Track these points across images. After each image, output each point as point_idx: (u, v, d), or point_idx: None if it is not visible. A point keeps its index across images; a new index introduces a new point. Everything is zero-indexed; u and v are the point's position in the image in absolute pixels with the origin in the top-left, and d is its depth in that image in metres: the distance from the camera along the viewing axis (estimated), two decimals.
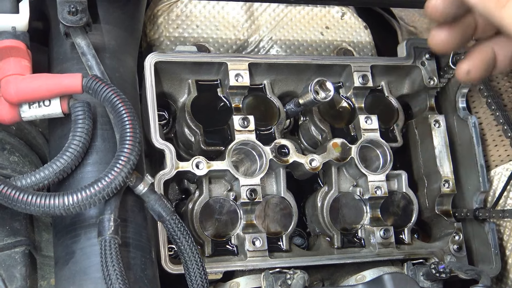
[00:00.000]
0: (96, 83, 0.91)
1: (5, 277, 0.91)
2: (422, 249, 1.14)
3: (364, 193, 1.12)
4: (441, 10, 0.78)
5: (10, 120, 0.94)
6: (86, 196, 0.84)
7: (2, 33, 0.94)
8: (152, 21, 1.18)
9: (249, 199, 1.03)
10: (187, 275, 0.92)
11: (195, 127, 1.06)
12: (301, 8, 1.25)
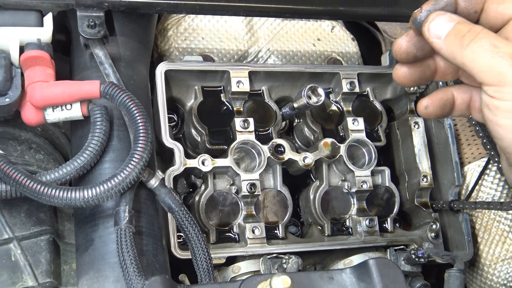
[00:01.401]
0: (113, 89, 0.90)
1: (32, 262, 0.91)
2: (403, 236, 1.14)
3: (351, 187, 1.12)
4: (404, 49, 0.79)
5: (36, 122, 0.94)
6: (103, 190, 0.85)
7: (29, 45, 0.94)
8: (162, 33, 1.18)
9: (249, 192, 1.04)
10: (194, 260, 0.92)
11: (201, 128, 1.06)
12: (295, 22, 1.25)
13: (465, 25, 0.70)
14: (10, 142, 0.99)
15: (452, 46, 0.70)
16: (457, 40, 0.70)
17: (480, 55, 0.68)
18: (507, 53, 0.66)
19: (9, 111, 0.92)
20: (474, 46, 0.68)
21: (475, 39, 0.68)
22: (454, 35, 0.70)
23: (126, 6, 1.00)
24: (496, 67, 0.67)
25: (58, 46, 1.02)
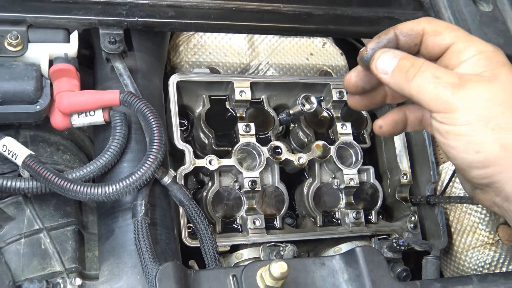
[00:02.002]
0: (131, 98, 0.91)
1: (59, 249, 0.91)
2: (386, 227, 1.14)
3: (340, 184, 1.12)
4: (353, 84, 0.79)
5: (63, 126, 0.94)
6: (122, 186, 0.85)
7: (57, 59, 0.94)
8: (174, 49, 1.18)
9: (251, 188, 1.04)
10: (202, 247, 0.92)
11: (208, 132, 1.06)
12: (291, 39, 1.26)
13: (408, 59, 0.70)
14: (41, 144, 0.99)
15: (399, 80, 0.70)
16: (403, 75, 0.69)
17: (425, 87, 0.67)
18: (448, 82, 0.66)
19: (39, 117, 0.92)
20: (418, 79, 0.68)
21: (419, 72, 0.68)
22: (399, 70, 0.70)
23: (143, 25, 1.00)
24: (440, 96, 0.66)
25: (83, 60, 1.02)
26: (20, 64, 0.91)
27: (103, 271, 0.88)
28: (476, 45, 0.69)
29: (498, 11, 1.22)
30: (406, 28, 0.74)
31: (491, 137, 0.64)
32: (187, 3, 1.03)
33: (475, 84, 0.66)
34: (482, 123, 0.65)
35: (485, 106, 0.65)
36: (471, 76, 0.67)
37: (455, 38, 0.71)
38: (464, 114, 0.65)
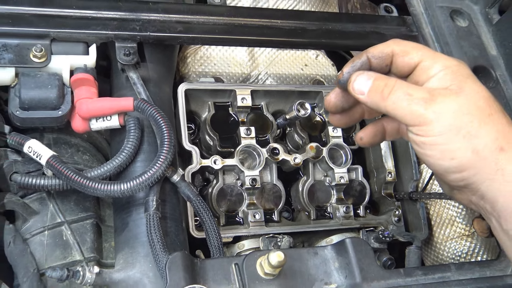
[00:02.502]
0: (144, 104, 0.91)
1: (79, 240, 0.91)
2: (373, 220, 1.14)
3: (332, 181, 1.12)
4: (333, 104, 0.79)
5: (83, 130, 0.94)
6: (136, 184, 0.85)
7: (77, 69, 0.94)
8: (183, 60, 1.18)
9: (251, 185, 1.04)
10: (208, 239, 0.92)
11: (213, 135, 1.06)
12: (288, 51, 1.26)
13: (382, 80, 0.70)
14: (63, 146, 0.99)
15: (375, 100, 0.70)
16: (378, 95, 0.70)
17: (399, 104, 0.68)
18: (420, 98, 0.66)
19: (61, 122, 0.92)
20: (393, 98, 0.68)
21: (392, 91, 0.68)
22: (374, 90, 0.70)
23: (154, 39, 1.00)
24: (414, 112, 0.67)
25: (100, 70, 1.02)
26: (44, 74, 0.91)
27: (119, 260, 0.88)
28: (441, 61, 0.70)
29: (473, 27, 1.22)
30: (377, 51, 0.74)
31: (463, 144, 0.65)
32: (194, 19, 1.03)
33: (444, 98, 0.66)
34: (454, 132, 0.65)
35: (455, 117, 0.65)
36: (440, 90, 0.67)
37: (422, 57, 0.71)
38: (437, 125, 0.65)
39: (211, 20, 1.04)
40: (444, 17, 1.21)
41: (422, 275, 0.88)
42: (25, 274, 0.84)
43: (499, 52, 1.19)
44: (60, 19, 0.95)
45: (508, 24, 1.17)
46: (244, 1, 1.26)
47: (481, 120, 0.65)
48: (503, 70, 1.18)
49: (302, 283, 0.84)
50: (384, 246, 1.09)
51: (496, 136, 0.64)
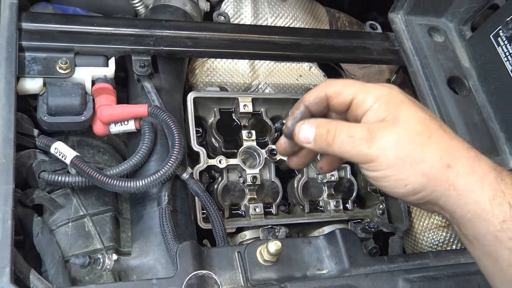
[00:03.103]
0: (157, 111, 0.91)
1: (100, 231, 0.91)
2: (360, 213, 1.14)
3: (323, 179, 1.12)
4: (283, 149, 0.76)
5: (103, 133, 0.94)
6: (150, 181, 0.85)
7: (98, 79, 0.94)
8: (192, 71, 1.18)
9: (252, 182, 1.03)
10: (213, 229, 0.91)
11: (218, 137, 1.06)
12: (284, 64, 1.26)
13: (323, 127, 0.66)
14: (85, 147, 0.99)
15: (322, 146, 0.67)
16: (323, 142, 0.66)
17: (344, 147, 0.64)
18: (361, 138, 0.63)
19: (84, 126, 0.92)
20: (337, 142, 0.65)
21: (335, 136, 0.65)
22: (319, 138, 0.66)
23: (166, 53, 1.00)
24: (359, 152, 0.63)
25: (118, 80, 1.02)
26: (68, 84, 0.91)
27: (135, 249, 0.88)
28: (373, 93, 0.65)
29: (449, 42, 1.22)
30: (312, 97, 0.70)
31: (412, 172, 0.61)
32: (202, 35, 1.04)
33: (383, 131, 0.62)
34: (401, 163, 0.61)
35: (397, 149, 0.62)
36: (377, 124, 0.63)
37: (354, 93, 0.66)
38: (383, 160, 0.62)
39: (216, 36, 1.05)
40: (422, 33, 1.21)
41: (403, 262, 0.87)
42: (52, 261, 0.84)
43: (471, 64, 1.19)
44: (83, 35, 0.95)
45: (479, 39, 1.17)
46: (245, 19, 1.26)
47: (423, 144, 0.61)
48: (475, 80, 1.17)
49: (297, 269, 0.83)
50: (369, 236, 1.09)
51: (440, 155, 0.61)
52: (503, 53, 1.10)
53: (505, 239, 0.58)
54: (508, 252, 0.58)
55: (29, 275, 0.77)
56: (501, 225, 0.58)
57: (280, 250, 0.78)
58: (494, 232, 0.59)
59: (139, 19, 1.14)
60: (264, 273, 0.81)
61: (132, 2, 1.20)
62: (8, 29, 0.88)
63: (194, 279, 0.73)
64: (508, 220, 0.58)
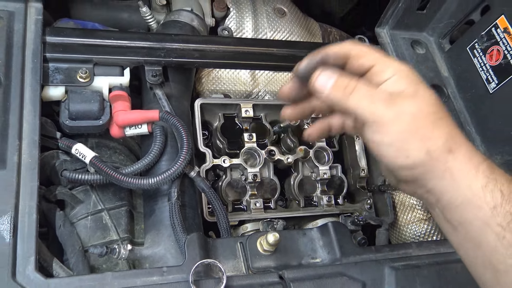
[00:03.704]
0: (167, 115, 0.90)
1: (116, 224, 0.91)
2: (350, 207, 1.13)
3: (317, 177, 1.11)
4: (286, 94, 0.69)
5: (119, 136, 0.94)
6: (161, 178, 0.84)
7: (114, 87, 0.94)
8: (198, 80, 1.18)
9: (253, 180, 1.03)
10: (218, 222, 0.91)
11: (222, 139, 1.06)
12: (282, 73, 1.26)
13: (344, 78, 0.60)
14: (103, 148, 0.99)
15: (337, 97, 0.60)
16: (340, 92, 0.59)
17: (361, 103, 0.58)
18: (381, 99, 0.58)
19: (102, 129, 0.92)
20: (355, 96, 0.59)
21: (355, 90, 0.59)
22: (337, 87, 0.60)
23: (176, 64, 1.00)
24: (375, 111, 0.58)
25: (133, 88, 1.02)
26: (88, 91, 0.91)
27: (147, 239, 0.88)
28: (394, 66, 0.60)
29: (429, 53, 1.22)
30: (334, 50, 0.63)
31: (418, 145, 0.57)
32: (207, 48, 1.03)
33: (403, 100, 0.57)
34: (411, 133, 0.57)
35: (413, 119, 0.57)
36: (398, 92, 0.58)
37: (375, 60, 0.61)
38: (395, 125, 0.57)
39: (221, 48, 1.04)
40: (406, 46, 1.21)
41: (389, 251, 0.87)
42: (72, 251, 0.83)
43: (450, 74, 1.19)
44: (101, 48, 0.95)
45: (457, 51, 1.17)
46: (247, 34, 1.26)
47: (434, 123, 0.57)
48: (453, 88, 1.17)
49: (293, 258, 0.83)
50: (358, 228, 1.09)
51: (447, 138, 0.57)
52: (478, 64, 1.10)
53: (493, 224, 0.55)
54: (494, 237, 0.55)
55: (52, 264, 0.77)
56: (491, 211, 0.55)
57: (278, 241, 0.78)
58: (484, 217, 0.55)
59: (151, 33, 1.14)
60: (263, 262, 0.81)
61: (145, 18, 1.20)
62: (34, 42, 0.88)
63: (200, 267, 0.73)
64: (498, 207, 0.55)
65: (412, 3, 1.17)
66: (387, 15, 1.21)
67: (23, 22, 0.89)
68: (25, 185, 0.75)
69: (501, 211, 0.54)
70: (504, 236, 0.54)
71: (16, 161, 0.76)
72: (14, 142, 0.77)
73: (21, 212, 0.73)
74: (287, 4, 1.36)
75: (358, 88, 0.59)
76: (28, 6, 0.91)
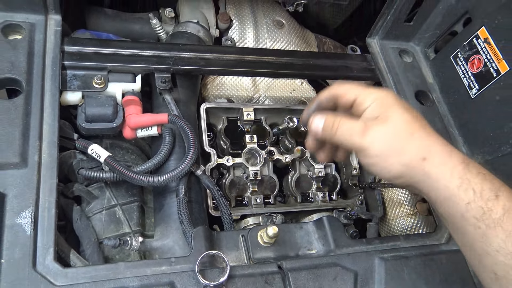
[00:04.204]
0: (176, 118, 0.90)
1: (128, 218, 0.91)
2: (343, 203, 1.13)
3: (312, 175, 1.11)
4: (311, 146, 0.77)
5: (131, 137, 0.93)
6: (170, 176, 0.84)
7: (127, 92, 0.94)
8: (204, 86, 1.18)
9: (254, 178, 1.03)
10: (222, 216, 0.91)
11: (226, 140, 1.06)
12: (280, 80, 1.26)
13: (330, 119, 0.68)
14: (116, 148, 0.99)
15: (327, 135, 0.69)
16: (329, 130, 0.68)
17: (344, 137, 0.66)
18: (357, 130, 0.65)
19: (115, 131, 0.92)
20: (339, 132, 0.67)
21: (338, 127, 0.67)
22: (326, 128, 0.69)
23: (183, 71, 1.00)
24: (354, 142, 0.65)
25: (144, 93, 1.02)
26: (103, 96, 0.91)
27: (157, 232, 0.87)
28: (372, 95, 0.67)
29: (416, 62, 1.22)
30: (324, 95, 0.72)
31: (395, 160, 0.63)
32: (212, 57, 1.03)
33: (375, 127, 0.64)
34: (386, 152, 0.63)
35: (384, 141, 0.63)
36: (372, 120, 0.65)
37: (357, 94, 0.68)
38: (373, 150, 0.64)
39: (224, 57, 1.04)
40: (394, 55, 1.21)
41: (379, 243, 0.87)
42: (88, 242, 0.83)
43: (434, 80, 1.19)
44: (115, 56, 0.95)
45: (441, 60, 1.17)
46: (248, 43, 1.26)
47: (405, 139, 0.63)
48: (438, 93, 1.17)
49: (291, 249, 0.83)
50: (351, 222, 1.09)
51: (418, 149, 0.63)
52: (461, 71, 1.10)
53: (469, 217, 0.60)
54: (472, 228, 0.60)
55: (70, 254, 0.77)
56: (466, 207, 0.60)
57: (277, 233, 0.78)
58: (461, 212, 0.60)
59: (161, 43, 1.14)
60: (264, 253, 0.80)
61: (155, 29, 1.20)
62: (53, 51, 0.88)
63: (206, 257, 0.72)
64: (472, 203, 0.60)
65: (400, 15, 1.16)
66: (377, 27, 1.20)
67: (43, 33, 0.89)
68: (45, 182, 0.75)
69: (474, 206, 0.60)
70: (479, 226, 0.59)
71: (36, 160, 0.76)
72: (35, 143, 0.78)
73: (41, 207, 0.73)
74: (285, 16, 1.36)
75: (340, 124, 0.67)
76: (48, 18, 0.91)
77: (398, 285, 0.80)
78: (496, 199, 0.59)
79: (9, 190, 0.72)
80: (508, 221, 0.57)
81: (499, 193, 0.59)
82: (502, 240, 0.57)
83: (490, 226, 0.58)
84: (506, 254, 0.57)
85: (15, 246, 0.68)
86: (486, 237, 0.58)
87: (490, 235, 0.58)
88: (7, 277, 0.65)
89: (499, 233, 0.58)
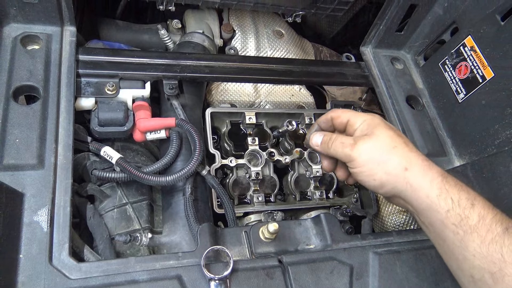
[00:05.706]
0: (182, 122, 0.90)
1: (138, 215, 0.90)
2: (339, 201, 1.13)
3: (310, 174, 1.10)
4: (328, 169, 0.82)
5: (141, 140, 0.93)
6: (177, 176, 0.84)
7: (137, 98, 0.94)
8: (209, 92, 1.18)
9: (255, 177, 1.02)
10: (226, 214, 0.91)
11: (229, 143, 1.06)
12: (280, 86, 1.26)
13: (327, 136, 0.75)
14: (127, 150, 0.99)
15: (324, 148, 0.75)
16: (326, 145, 0.74)
17: (337, 149, 0.71)
18: (348, 144, 0.70)
19: (126, 134, 0.92)
20: (333, 146, 0.72)
21: (333, 142, 0.72)
22: (323, 142, 0.75)
23: (189, 78, 1.00)
24: (345, 153, 0.70)
25: (153, 99, 1.02)
26: (114, 102, 0.91)
27: (165, 229, 0.87)
28: (361, 118, 0.72)
29: (407, 69, 1.21)
30: (322, 119, 0.79)
31: (378, 169, 0.67)
32: (216, 65, 1.03)
33: (363, 141, 0.69)
34: (371, 162, 0.67)
35: (370, 153, 0.68)
36: (360, 137, 0.70)
37: (349, 117, 0.74)
38: (360, 160, 0.68)
39: (228, 65, 1.04)
40: (386, 62, 1.21)
41: (373, 239, 0.87)
42: (101, 238, 0.83)
43: (424, 86, 1.19)
44: (125, 65, 0.95)
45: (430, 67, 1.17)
46: (250, 52, 1.26)
47: (388, 151, 0.67)
48: (427, 98, 1.17)
49: (290, 245, 0.83)
50: (346, 219, 1.08)
51: (400, 160, 0.66)
52: (449, 77, 1.10)
53: (449, 224, 0.62)
54: (452, 234, 0.62)
55: (84, 250, 0.77)
56: (445, 214, 0.62)
57: (277, 230, 0.77)
58: (441, 219, 0.62)
59: (169, 52, 1.14)
60: (265, 248, 0.80)
61: (163, 39, 1.20)
62: (68, 60, 0.88)
63: (211, 252, 0.72)
64: (451, 210, 0.62)
65: (392, 25, 1.16)
66: (370, 36, 1.20)
67: (59, 43, 0.89)
68: (61, 182, 0.75)
69: (453, 213, 0.62)
70: (457, 232, 0.61)
71: (53, 162, 0.76)
72: (51, 146, 0.78)
73: (57, 205, 0.73)
74: (285, 27, 1.36)
75: (335, 140, 0.73)
76: (64, 30, 0.91)
77: (391, 278, 0.80)
78: (472, 208, 0.61)
79: (27, 189, 0.72)
80: (483, 228, 0.59)
81: (475, 202, 0.62)
82: (478, 245, 0.59)
83: (467, 232, 0.60)
84: (481, 258, 0.58)
85: (33, 242, 0.68)
86: (464, 242, 0.60)
87: (467, 240, 0.60)
88: (25, 271, 0.65)
89: (475, 238, 0.59)
